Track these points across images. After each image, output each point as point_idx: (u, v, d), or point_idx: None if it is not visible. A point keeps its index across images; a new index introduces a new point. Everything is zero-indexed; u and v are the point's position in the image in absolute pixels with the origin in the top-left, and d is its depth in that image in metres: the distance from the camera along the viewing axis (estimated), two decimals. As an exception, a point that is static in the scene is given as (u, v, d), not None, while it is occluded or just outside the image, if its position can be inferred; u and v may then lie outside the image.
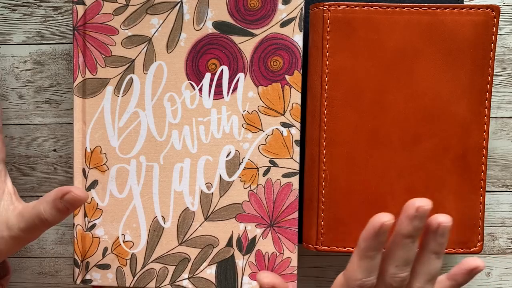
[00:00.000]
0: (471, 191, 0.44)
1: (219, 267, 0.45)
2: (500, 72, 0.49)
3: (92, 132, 0.44)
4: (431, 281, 0.39)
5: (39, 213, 0.40)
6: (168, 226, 0.45)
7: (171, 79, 0.44)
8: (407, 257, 0.38)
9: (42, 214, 0.39)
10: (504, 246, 0.51)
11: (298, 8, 0.43)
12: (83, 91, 0.44)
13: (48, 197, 0.40)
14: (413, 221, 0.37)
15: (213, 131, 0.44)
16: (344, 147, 0.43)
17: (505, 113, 0.50)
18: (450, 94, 0.43)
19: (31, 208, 0.40)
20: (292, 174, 0.44)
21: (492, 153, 0.50)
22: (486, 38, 0.43)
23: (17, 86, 0.49)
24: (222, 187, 0.44)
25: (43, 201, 0.40)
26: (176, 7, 0.44)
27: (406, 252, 0.38)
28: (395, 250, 0.38)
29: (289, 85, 0.44)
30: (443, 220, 0.38)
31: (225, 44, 0.44)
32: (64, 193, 0.39)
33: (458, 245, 0.44)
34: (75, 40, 0.44)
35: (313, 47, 0.43)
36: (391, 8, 0.42)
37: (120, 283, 0.45)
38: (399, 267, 0.38)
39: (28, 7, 0.49)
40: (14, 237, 0.40)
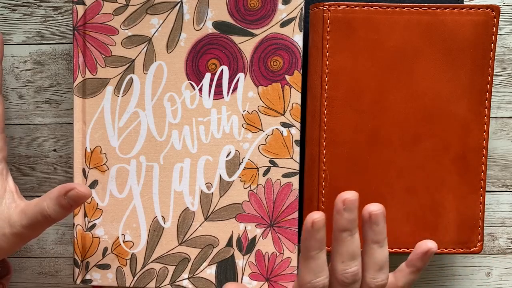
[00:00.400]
0: (471, 191, 0.44)
1: (219, 267, 0.45)
2: (500, 72, 0.49)
3: (92, 132, 0.44)
4: (382, 270, 0.39)
5: (43, 210, 0.40)
6: (168, 226, 0.45)
7: (171, 79, 0.44)
8: (350, 251, 0.39)
9: (46, 211, 0.40)
10: (504, 246, 0.51)
11: (298, 8, 0.43)
12: (83, 91, 0.44)
13: (51, 194, 0.40)
14: (343, 214, 0.38)
15: (213, 131, 0.44)
16: (344, 147, 0.43)
17: (505, 113, 0.50)
18: (450, 94, 0.43)
19: (33, 205, 0.40)
20: (292, 174, 0.44)
21: (492, 153, 0.50)
22: (486, 38, 0.43)
23: (17, 86, 0.49)
24: (222, 187, 0.44)
25: (47, 197, 0.40)
26: (176, 7, 0.44)
27: (348, 246, 0.38)
28: (337, 246, 0.39)
29: (289, 85, 0.44)
30: (373, 209, 0.39)
31: (225, 44, 0.44)
32: (67, 190, 0.39)
33: (458, 245, 0.44)
34: (75, 40, 0.44)
35: (313, 47, 0.43)
36: (391, 8, 0.42)
37: (120, 283, 0.45)
38: (345, 262, 0.39)
39: (28, 7, 0.49)
40: (16, 234, 0.40)
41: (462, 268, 0.51)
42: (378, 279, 0.40)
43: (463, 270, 0.51)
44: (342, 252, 0.39)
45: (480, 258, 0.51)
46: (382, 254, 0.40)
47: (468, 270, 0.51)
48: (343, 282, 0.39)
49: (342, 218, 0.38)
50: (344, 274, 0.39)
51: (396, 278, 0.41)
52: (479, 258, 0.51)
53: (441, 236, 0.44)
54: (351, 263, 0.39)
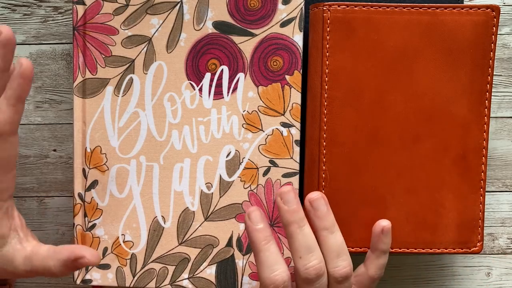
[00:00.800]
0: (471, 191, 0.44)
1: (219, 267, 0.45)
2: (500, 72, 0.49)
3: (92, 132, 0.44)
4: (340, 256, 0.40)
5: (48, 268, 0.39)
6: (168, 226, 0.45)
7: (171, 79, 0.44)
8: (303, 243, 0.39)
9: (51, 269, 0.39)
10: (504, 246, 0.51)
11: (298, 8, 0.43)
12: (83, 91, 0.44)
13: (60, 255, 0.39)
14: (282, 207, 0.39)
15: (213, 131, 0.44)
16: (344, 147, 0.43)
17: (505, 113, 0.50)
18: (450, 94, 0.43)
19: (40, 259, 0.39)
20: (292, 174, 0.44)
21: (492, 153, 0.50)
22: (486, 38, 0.43)
23: (17, 86, 0.49)
24: (222, 187, 0.44)
25: (54, 258, 0.39)
26: (176, 7, 0.44)
27: (300, 239, 0.39)
28: (290, 242, 0.39)
29: (289, 85, 0.44)
30: (312, 196, 0.40)
31: (225, 44, 0.44)
32: (77, 257, 0.38)
33: (458, 245, 0.44)
34: (75, 40, 0.44)
35: (313, 47, 0.43)
36: (391, 8, 0.42)
37: (120, 283, 0.45)
38: (303, 257, 0.39)
39: (28, 7, 0.49)
40: (16, 274, 0.40)
41: (462, 268, 0.51)
42: (340, 266, 0.39)
43: (463, 270, 0.51)
44: (297, 247, 0.39)
45: (480, 258, 0.51)
46: (335, 240, 0.40)
47: (468, 270, 0.51)
48: (308, 279, 0.39)
49: (283, 212, 0.39)
50: (305, 270, 0.39)
51: (366, 267, 0.42)
52: (479, 258, 0.51)
53: (441, 236, 0.44)
54: (309, 256, 0.39)
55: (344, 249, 0.40)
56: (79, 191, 0.45)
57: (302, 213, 0.40)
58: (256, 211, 0.40)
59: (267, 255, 0.39)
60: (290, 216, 0.39)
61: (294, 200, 0.40)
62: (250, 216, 0.40)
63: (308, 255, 0.39)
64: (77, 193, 0.45)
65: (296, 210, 0.39)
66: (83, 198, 0.45)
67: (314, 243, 0.39)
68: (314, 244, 0.39)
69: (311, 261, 0.39)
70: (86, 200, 0.45)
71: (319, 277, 0.39)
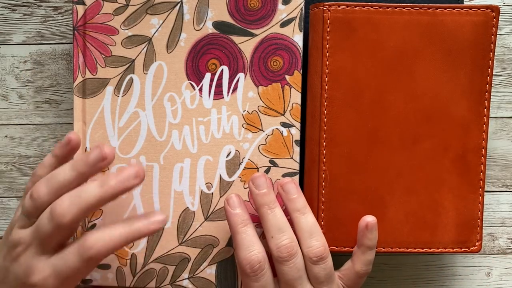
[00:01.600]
0: (470, 191, 0.44)
1: (219, 267, 0.45)
2: (500, 72, 0.49)
3: (92, 132, 0.44)
4: (313, 236, 0.41)
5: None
6: (168, 226, 0.45)
7: (171, 79, 0.44)
8: (274, 224, 0.41)
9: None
10: (504, 246, 0.51)
11: (298, 8, 0.43)
12: (83, 91, 0.44)
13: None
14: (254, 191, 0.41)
15: (213, 131, 0.44)
16: (344, 147, 0.43)
17: (505, 113, 0.50)
18: (450, 94, 0.43)
19: None
20: (292, 174, 0.44)
21: (492, 153, 0.50)
22: (486, 38, 0.43)
23: (17, 86, 0.49)
24: (222, 187, 0.44)
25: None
26: (176, 7, 0.44)
27: (271, 220, 0.41)
28: (263, 223, 0.41)
29: (289, 85, 0.44)
30: (283, 181, 0.42)
31: (225, 44, 0.44)
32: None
33: (457, 244, 0.44)
34: (75, 40, 0.44)
35: (313, 47, 0.43)
36: (391, 8, 0.42)
37: (120, 283, 0.45)
38: (274, 236, 0.40)
39: (28, 7, 0.49)
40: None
41: (462, 268, 0.51)
42: (313, 246, 0.40)
43: (463, 270, 0.51)
44: (268, 228, 0.41)
45: (480, 258, 0.51)
46: (307, 220, 0.41)
47: (468, 270, 0.51)
48: (280, 258, 0.40)
49: (255, 196, 0.41)
50: (277, 249, 0.40)
51: (353, 262, 0.42)
52: (479, 258, 0.51)
53: (440, 235, 0.44)
54: (280, 236, 0.40)
55: (317, 229, 0.41)
56: (79, 191, 0.45)
57: (273, 196, 0.41)
58: (234, 197, 0.42)
59: (243, 237, 0.41)
60: (261, 198, 0.41)
61: (265, 184, 0.41)
62: (228, 202, 0.42)
63: (279, 234, 0.40)
64: (77, 193, 0.45)
65: (266, 193, 0.41)
66: (83, 198, 0.45)
67: (285, 223, 0.41)
68: (286, 224, 0.41)
69: (282, 240, 0.40)
70: (86, 200, 0.45)
71: (291, 256, 0.40)
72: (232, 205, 0.42)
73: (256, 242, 0.41)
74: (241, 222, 0.41)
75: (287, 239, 0.40)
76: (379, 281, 0.50)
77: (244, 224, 0.41)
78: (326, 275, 0.40)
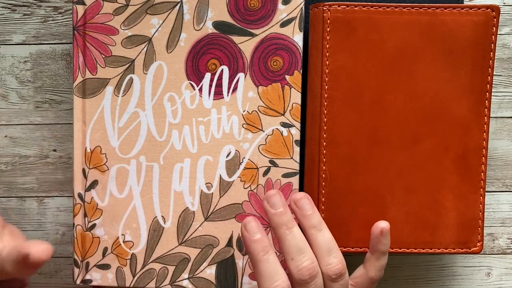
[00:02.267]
0: (471, 191, 0.44)
1: (219, 267, 0.45)
2: (500, 72, 0.49)
3: (92, 132, 0.44)
4: (331, 254, 0.40)
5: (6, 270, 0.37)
6: (168, 226, 0.45)
7: (171, 79, 0.44)
8: (294, 245, 0.39)
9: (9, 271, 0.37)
10: (504, 246, 0.51)
11: (298, 8, 0.43)
12: (83, 91, 0.44)
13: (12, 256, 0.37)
14: (270, 211, 0.40)
15: (213, 131, 0.44)
16: (344, 147, 0.43)
17: (505, 113, 0.50)
18: (450, 94, 0.43)
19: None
20: (292, 174, 0.44)
21: (492, 153, 0.50)
22: (486, 38, 0.43)
23: (17, 86, 0.49)
24: (222, 187, 0.44)
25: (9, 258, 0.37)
26: (176, 7, 0.44)
27: (290, 241, 0.39)
28: (281, 245, 0.40)
29: (289, 85, 0.44)
30: (295, 196, 0.41)
31: (225, 44, 0.44)
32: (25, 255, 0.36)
33: (458, 245, 0.44)
34: (75, 40, 0.44)
35: (313, 47, 0.43)
36: (391, 8, 0.42)
37: (120, 283, 0.45)
38: (295, 258, 0.39)
39: (28, 7, 0.49)
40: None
41: (462, 268, 0.51)
42: (332, 264, 0.39)
43: (463, 270, 0.51)
44: (288, 249, 0.39)
45: (480, 258, 0.51)
46: (324, 237, 0.40)
47: (468, 270, 0.51)
48: (302, 281, 0.39)
49: (271, 215, 0.40)
50: (299, 271, 0.39)
51: (366, 269, 0.42)
52: (479, 258, 0.51)
53: (441, 236, 0.44)
54: (300, 257, 0.39)
55: (334, 246, 0.40)
56: (79, 191, 0.45)
57: (290, 214, 0.40)
58: (252, 221, 0.40)
59: (266, 266, 0.39)
60: (278, 218, 0.40)
61: (280, 203, 0.40)
62: (246, 227, 0.40)
63: (299, 256, 0.39)
64: (77, 193, 0.45)
65: (283, 212, 0.40)
66: (83, 198, 0.45)
67: (304, 243, 0.40)
68: (305, 244, 0.39)
69: (303, 262, 0.39)
70: (86, 200, 0.45)
71: (313, 278, 0.39)
72: (250, 230, 0.40)
73: (279, 270, 0.39)
74: (262, 249, 0.39)
75: (308, 260, 0.39)
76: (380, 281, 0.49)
77: (265, 252, 0.39)
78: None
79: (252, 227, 0.40)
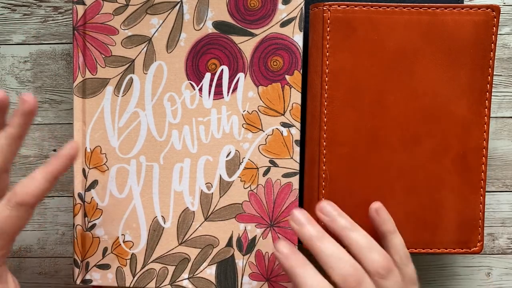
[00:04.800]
0: (471, 191, 0.44)
1: (219, 267, 0.45)
2: (500, 72, 0.49)
3: (92, 132, 0.44)
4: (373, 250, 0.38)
5: None
6: (168, 226, 0.45)
7: (171, 79, 0.44)
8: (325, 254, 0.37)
9: None
10: (504, 246, 0.51)
11: (298, 8, 0.43)
12: (83, 91, 0.44)
13: None
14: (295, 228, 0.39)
15: (213, 131, 0.44)
16: (344, 147, 0.43)
17: (505, 113, 0.50)
18: (450, 94, 0.43)
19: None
20: (292, 174, 0.44)
21: (492, 153, 0.50)
22: (486, 38, 0.43)
23: (17, 86, 0.49)
24: (222, 187, 0.44)
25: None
26: (176, 7, 0.44)
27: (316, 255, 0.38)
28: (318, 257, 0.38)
29: (289, 85, 0.44)
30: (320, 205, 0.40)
31: (225, 44, 0.44)
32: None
33: (458, 245, 0.44)
34: (75, 40, 0.44)
35: (313, 47, 0.43)
36: (391, 8, 0.42)
37: (120, 283, 0.45)
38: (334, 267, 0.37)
39: (28, 7, 0.49)
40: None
41: (462, 268, 0.51)
42: (377, 260, 0.37)
43: (463, 270, 0.51)
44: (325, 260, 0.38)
45: (480, 258, 0.51)
46: (360, 236, 0.39)
47: (468, 270, 0.51)
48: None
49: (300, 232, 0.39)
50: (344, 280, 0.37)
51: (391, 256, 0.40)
52: (479, 258, 0.51)
53: (441, 236, 0.44)
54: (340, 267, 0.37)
55: (373, 242, 0.39)
56: (79, 191, 0.45)
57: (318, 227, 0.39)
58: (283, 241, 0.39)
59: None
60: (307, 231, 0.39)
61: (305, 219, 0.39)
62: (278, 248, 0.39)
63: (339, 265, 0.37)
64: (77, 193, 0.45)
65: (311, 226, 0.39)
66: (83, 198, 0.45)
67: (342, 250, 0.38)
68: (342, 251, 0.38)
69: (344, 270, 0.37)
70: (86, 200, 0.45)
71: (360, 283, 0.37)
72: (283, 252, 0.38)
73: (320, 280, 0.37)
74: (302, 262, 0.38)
75: (350, 267, 0.37)
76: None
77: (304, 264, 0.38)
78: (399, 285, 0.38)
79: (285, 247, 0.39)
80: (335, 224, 0.39)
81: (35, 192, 0.37)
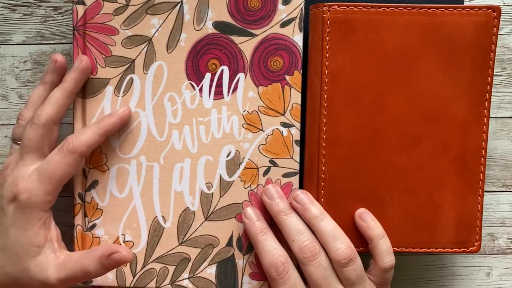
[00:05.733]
0: (469, 191, 0.44)
1: (219, 267, 0.45)
2: (500, 72, 0.49)
3: (92, 132, 0.44)
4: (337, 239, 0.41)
5: (83, 267, 0.40)
6: (168, 226, 0.45)
7: (171, 79, 0.44)
8: (293, 227, 0.42)
9: (87, 268, 0.40)
10: (504, 246, 0.51)
11: (298, 9, 0.43)
12: (83, 91, 0.44)
13: (94, 253, 0.40)
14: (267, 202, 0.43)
15: (213, 131, 0.44)
16: (344, 148, 0.43)
17: (505, 113, 0.50)
18: (450, 94, 0.43)
19: (74, 261, 0.41)
20: (292, 174, 0.44)
21: (492, 153, 0.50)
22: (486, 39, 0.43)
23: (17, 86, 0.49)
24: (222, 187, 0.44)
25: (89, 255, 0.40)
26: (176, 7, 0.44)
27: (289, 224, 0.42)
28: (282, 230, 0.42)
29: (289, 85, 0.44)
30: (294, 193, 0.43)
31: (225, 44, 0.44)
32: (112, 252, 0.40)
33: (456, 244, 0.44)
34: (75, 40, 0.44)
35: (313, 48, 0.43)
36: (391, 8, 0.42)
37: (120, 283, 0.45)
38: (295, 240, 0.41)
39: (28, 7, 0.49)
40: (48, 284, 0.40)
41: (462, 268, 0.51)
42: (340, 249, 0.41)
43: (463, 270, 0.51)
44: (288, 232, 0.42)
45: (480, 258, 0.51)
46: (327, 225, 0.42)
47: (468, 270, 0.51)
48: (304, 258, 0.41)
49: (269, 206, 0.43)
50: (300, 250, 0.41)
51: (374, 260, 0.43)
52: (479, 258, 0.51)
53: (439, 236, 0.44)
54: (300, 237, 0.41)
55: (339, 232, 0.42)
56: (79, 191, 0.45)
57: (287, 203, 0.43)
58: (250, 209, 0.43)
59: (264, 243, 0.42)
60: (276, 206, 0.42)
61: (276, 194, 0.43)
62: (245, 215, 0.43)
63: (299, 236, 0.41)
64: (77, 193, 0.45)
65: (279, 201, 0.42)
66: (83, 198, 0.45)
67: (303, 226, 0.42)
68: (304, 227, 0.42)
69: (303, 241, 0.41)
70: (86, 200, 0.45)
71: (315, 255, 0.41)
72: (249, 217, 0.43)
73: (277, 246, 0.42)
74: (260, 231, 0.42)
75: (308, 239, 0.41)
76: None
77: (263, 233, 0.42)
78: (357, 276, 0.41)
79: (250, 214, 0.43)
80: (306, 213, 0.42)
81: (85, 141, 0.41)
